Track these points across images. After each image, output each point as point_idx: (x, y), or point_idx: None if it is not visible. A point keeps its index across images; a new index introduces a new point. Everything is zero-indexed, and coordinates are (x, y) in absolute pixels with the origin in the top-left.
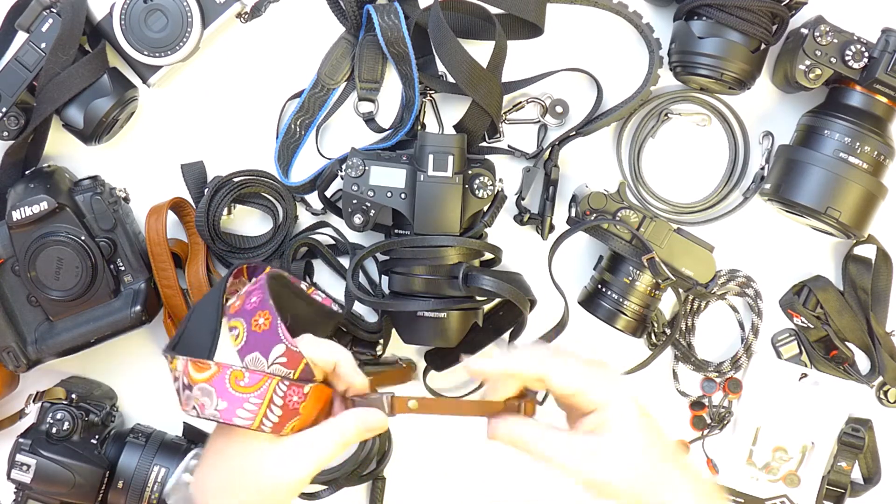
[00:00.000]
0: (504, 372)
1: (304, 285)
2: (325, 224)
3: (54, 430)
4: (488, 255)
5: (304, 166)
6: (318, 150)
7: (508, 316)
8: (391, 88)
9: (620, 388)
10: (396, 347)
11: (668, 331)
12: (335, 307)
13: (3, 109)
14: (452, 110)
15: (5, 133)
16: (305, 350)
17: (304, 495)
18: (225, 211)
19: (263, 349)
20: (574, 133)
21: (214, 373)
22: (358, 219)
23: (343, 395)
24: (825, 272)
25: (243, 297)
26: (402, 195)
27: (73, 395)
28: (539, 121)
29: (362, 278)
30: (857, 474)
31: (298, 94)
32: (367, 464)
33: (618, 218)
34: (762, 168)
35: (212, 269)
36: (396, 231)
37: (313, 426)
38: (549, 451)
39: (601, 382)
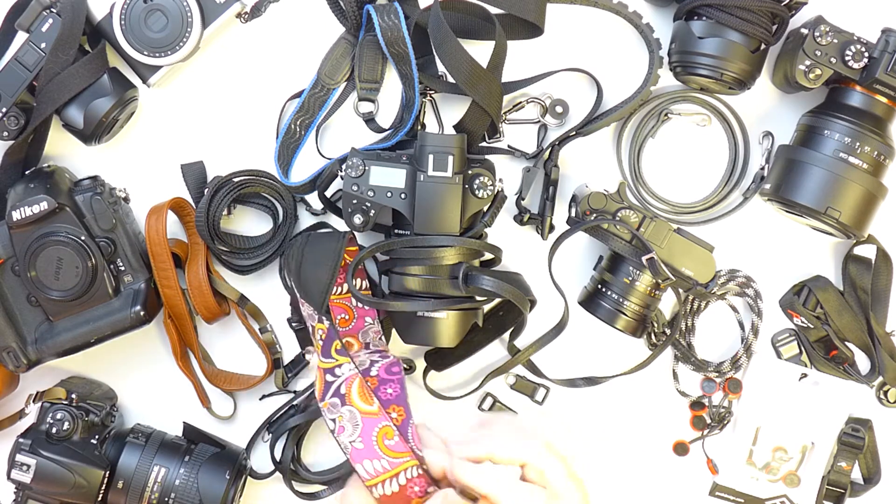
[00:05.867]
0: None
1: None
2: (325, 224)
3: (54, 430)
4: (488, 255)
5: (304, 166)
6: (318, 150)
7: (508, 316)
8: (391, 88)
9: (553, 453)
10: (396, 347)
11: (668, 331)
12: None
13: (3, 109)
14: (452, 110)
15: (5, 133)
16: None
17: (304, 495)
18: (225, 211)
19: None
20: (574, 133)
21: (372, 413)
22: (358, 219)
23: None
24: (825, 272)
25: (375, 382)
26: (402, 195)
27: (73, 395)
28: (539, 121)
29: None
30: (857, 474)
31: (298, 94)
32: None
33: (618, 218)
34: (762, 168)
35: (212, 269)
36: (396, 231)
37: None
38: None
39: (539, 451)
